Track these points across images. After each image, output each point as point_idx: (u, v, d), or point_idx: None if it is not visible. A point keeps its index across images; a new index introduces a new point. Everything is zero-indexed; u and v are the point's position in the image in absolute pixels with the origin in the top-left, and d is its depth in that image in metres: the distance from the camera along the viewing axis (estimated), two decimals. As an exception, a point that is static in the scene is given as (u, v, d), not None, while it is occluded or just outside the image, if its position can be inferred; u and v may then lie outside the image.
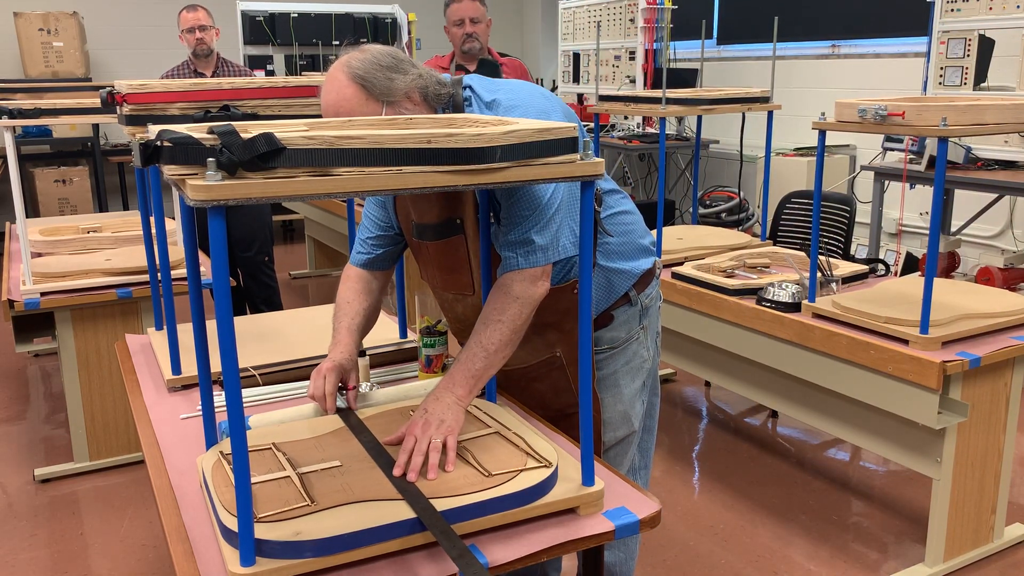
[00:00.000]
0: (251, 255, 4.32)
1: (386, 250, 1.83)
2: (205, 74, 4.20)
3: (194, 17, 4.16)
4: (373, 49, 1.52)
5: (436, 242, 1.69)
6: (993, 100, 2.27)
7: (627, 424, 1.85)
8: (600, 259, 1.74)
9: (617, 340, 1.80)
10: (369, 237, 1.82)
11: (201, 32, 4.15)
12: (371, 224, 1.82)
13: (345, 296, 1.80)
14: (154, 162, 1.10)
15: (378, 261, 1.83)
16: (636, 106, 3.29)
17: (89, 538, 2.77)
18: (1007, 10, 3.97)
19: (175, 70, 4.27)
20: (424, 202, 1.66)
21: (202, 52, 4.19)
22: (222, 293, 1.08)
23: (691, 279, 2.92)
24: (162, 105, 1.87)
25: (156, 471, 1.55)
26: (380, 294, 1.84)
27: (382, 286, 1.85)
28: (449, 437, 1.43)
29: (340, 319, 1.76)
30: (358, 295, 1.80)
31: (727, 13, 6.81)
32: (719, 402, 3.85)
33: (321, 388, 1.61)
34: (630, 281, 1.78)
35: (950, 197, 4.52)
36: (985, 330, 2.37)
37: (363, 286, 1.81)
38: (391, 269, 1.87)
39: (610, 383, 1.81)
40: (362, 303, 1.79)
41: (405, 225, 1.78)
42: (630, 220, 1.81)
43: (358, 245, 1.85)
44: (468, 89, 1.61)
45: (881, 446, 2.48)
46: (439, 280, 1.77)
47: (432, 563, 1.24)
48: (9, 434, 3.54)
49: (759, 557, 2.62)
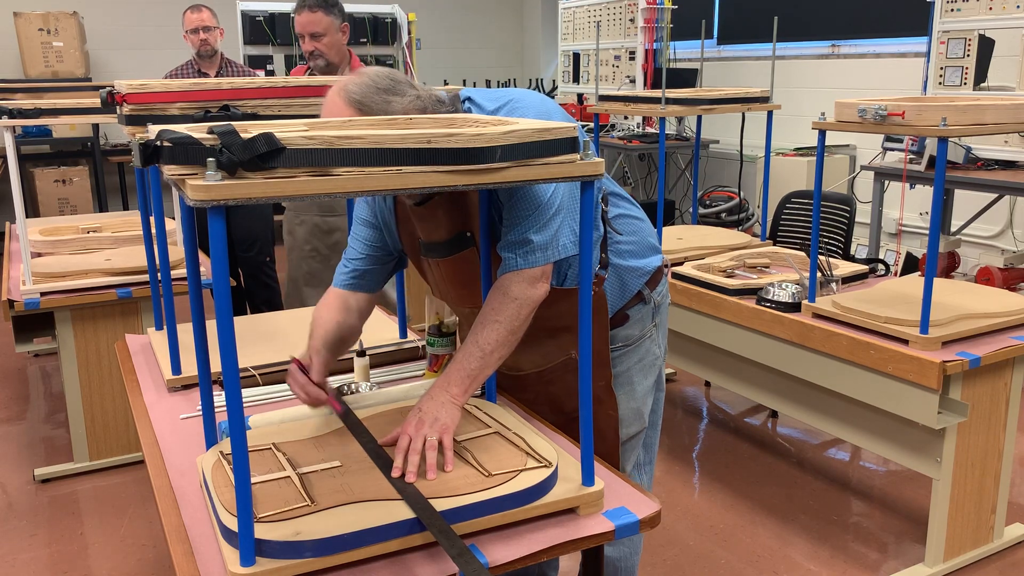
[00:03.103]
0: (252, 255, 4.32)
1: (373, 271, 1.77)
2: (209, 74, 4.20)
3: (198, 18, 4.16)
4: (370, 72, 1.51)
5: (448, 259, 1.67)
6: (993, 100, 2.26)
7: (639, 420, 1.86)
8: (613, 258, 1.74)
9: (631, 338, 1.81)
10: (355, 258, 1.77)
11: (205, 33, 4.15)
12: (359, 244, 1.77)
13: (319, 314, 1.73)
14: (154, 162, 1.10)
15: (363, 284, 1.77)
16: (636, 106, 3.29)
17: (89, 538, 2.76)
18: (1007, 10, 3.97)
19: (179, 70, 4.27)
20: (432, 220, 1.64)
21: (206, 53, 4.19)
22: (222, 293, 1.08)
23: (691, 279, 2.92)
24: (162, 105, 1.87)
25: (156, 471, 1.55)
26: (360, 317, 1.76)
27: (362, 309, 1.77)
28: (444, 435, 1.43)
29: (311, 335, 1.69)
30: (333, 311, 1.72)
31: (727, 13, 6.81)
32: (719, 402, 3.85)
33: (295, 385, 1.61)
34: (643, 279, 1.79)
35: (950, 197, 4.52)
36: (985, 330, 2.37)
37: (340, 304, 1.74)
38: (375, 295, 1.80)
39: (624, 380, 1.82)
40: (336, 317, 1.71)
41: (410, 245, 1.74)
42: (637, 219, 1.82)
43: (342, 266, 1.78)
44: (468, 101, 1.61)
45: (881, 446, 2.48)
46: (454, 296, 1.75)
47: (432, 563, 1.25)
48: (9, 434, 3.54)
49: (759, 557, 2.62)
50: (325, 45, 3.32)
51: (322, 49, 3.32)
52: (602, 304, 1.72)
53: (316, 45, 3.30)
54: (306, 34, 3.31)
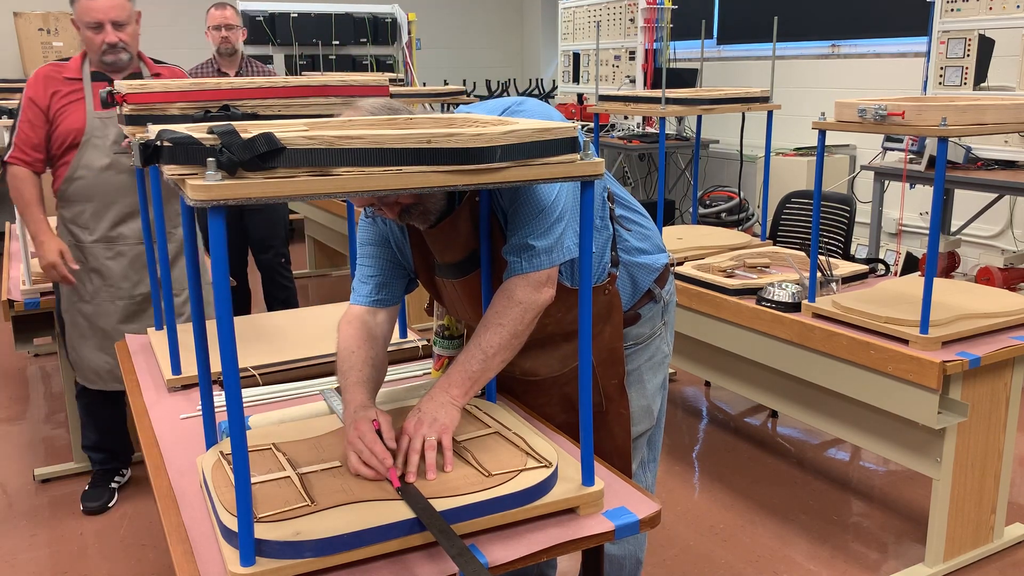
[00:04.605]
0: (268, 256, 4.35)
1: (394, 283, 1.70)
2: (228, 73, 4.18)
3: (222, 15, 4.16)
4: (367, 105, 1.49)
5: (464, 279, 1.64)
6: (993, 100, 2.26)
7: (648, 418, 1.87)
8: (623, 255, 1.74)
9: (642, 336, 1.81)
10: (373, 274, 1.68)
11: (227, 31, 4.15)
12: (373, 261, 1.69)
13: (347, 346, 1.62)
14: (154, 162, 1.10)
15: (386, 297, 1.69)
16: (636, 106, 3.29)
17: (89, 538, 2.76)
18: (1007, 10, 3.97)
19: (199, 68, 4.26)
20: (444, 241, 1.60)
21: (226, 51, 4.18)
22: (222, 293, 1.08)
23: (691, 279, 2.92)
24: (162, 105, 1.87)
25: (156, 471, 1.55)
26: (386, 340, 1.67)
27: (386, 330, 1.68)
28: (443, 436, 1.43)
29: (346, 374, 1.57)
30: (361, 343, 1.62)
31: (727, 13, 6.81)
32: (719, 402, 3.85)
33: (358, 443, 1.41)
34: (652, 276, 1.79)
35: (950, 197, 4.52)
36: (985, 330, 2.37)
37: (366, 333, 1.64)
38: (397, 305, 1.72)
39: (634, 379, 1.82)
40: (367, 351, 1.61)
41: (423, 267, 1.71)
42: (643, 217, 1.82)
43: (360, 285, 1.70)
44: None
45: (881, 446, 2.48)
46: (472, 315, 1.70)
47: (431, 563, 1.25)
48: (9, 434, 3.54)
49: (759, 557, 2.62)
50: (129, 35, 2.68)
51: (126, 41, 2.67)
52: (617, 303, 1.72)
53: (121, 36, 2.65)
54: (107, 22, 2.62)
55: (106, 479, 3.00)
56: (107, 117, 2.66)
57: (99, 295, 2.76)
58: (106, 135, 2.66)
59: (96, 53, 2.67)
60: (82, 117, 2.65)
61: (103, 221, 2.72)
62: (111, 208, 2.71)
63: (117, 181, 2.69)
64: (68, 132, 2.64)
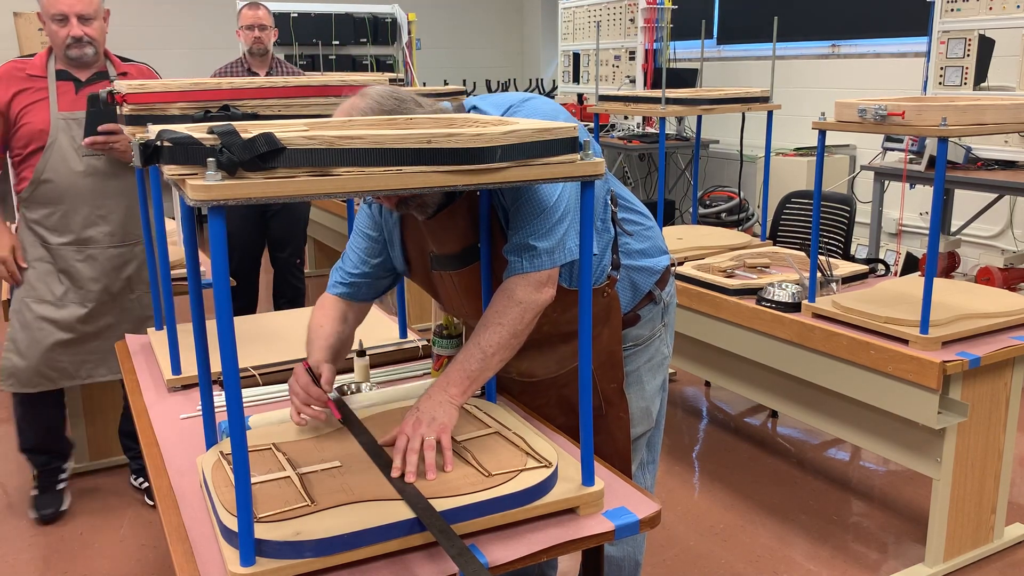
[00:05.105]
0: (285, 256, 4.38)
1: (366, 284, 1.75)
2: (259, 73, 4.17)
3: (254, 15, 4.15)
4: (373, 93, 1.49)
5: (461, 271, 1.65)
6: (993, 100, 2.27)
7: (647, 420, 1.87)
8: (624, 259, 1.74)
9: (641, 337, 1.81)
10: (350, 270, 1.75)
11: (260, 31, 4.14)
12: (356, 256, 1.75)
13: (318, 321, 1.72)
14: (154, 162, 1.10)
15: (354, 294, 1.76)
16: (636, 106, 3.30)
17: (89, 538, 2.76)
18: (1007, 10, 3.97)
19: (228, 67, 4.25)
20: (443, 232, 1.61)
21: (258, 51, 4.17)
22: (222, 293, 1.08)
23: (691, 279, 2.92)
24: (162, 105, 1.87)
25: (156, 471, 1.55)
26: (353, 326, 1.76)
27: (357, 319, 1.78)
28: (442, 435, 1.43)
29: (311, 343, 1.68)
30: (332, 321, 1.72)
31: (727, 13, 6.81)
32: (719, 402, 3.85)
33: (298, 386, 1.56)
34: (653, 279, 1.79)
35: (950, 197, 4.52)
36: (985, 330, 2.37)
37: (338, 314, 1.73)
38: (369, 304, 1.80)
39: (634, 380, 1.82)
40: (335, 327, 1.71)
41: (419, 260, 1.72)
42: (645, 219, 1.82)
43: (338, 275, 1.76)
44: (474, 110, 1.60)
45: (881, 446, 2.48)
46: (468, 309, 1.71)
47: (431, 563, 1.25)
48: (9, 434, 3.54)
49: (759, 557, 2.62)
50: (96, 30, 2.60)
51: (92, 35, 2.59)
52: (615, 305, 1.72)
53: (87, 30, 2.57)
54: (72, 15, 2.54)
55: (52, 481, 2.93)
56: (72, 118, 2.58)
57: (67, 296, 2.70)
58: (73, 136, 2.58)
59: (60, 48, 2.59)
60: (46, 118, 2.57)
61: (73, 224, 2.66)
62: (80, 211, 2.64)
63: (86, 185, 2.62)
64: (32, 133, 2.57)
